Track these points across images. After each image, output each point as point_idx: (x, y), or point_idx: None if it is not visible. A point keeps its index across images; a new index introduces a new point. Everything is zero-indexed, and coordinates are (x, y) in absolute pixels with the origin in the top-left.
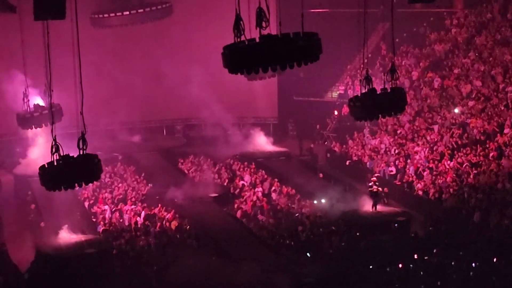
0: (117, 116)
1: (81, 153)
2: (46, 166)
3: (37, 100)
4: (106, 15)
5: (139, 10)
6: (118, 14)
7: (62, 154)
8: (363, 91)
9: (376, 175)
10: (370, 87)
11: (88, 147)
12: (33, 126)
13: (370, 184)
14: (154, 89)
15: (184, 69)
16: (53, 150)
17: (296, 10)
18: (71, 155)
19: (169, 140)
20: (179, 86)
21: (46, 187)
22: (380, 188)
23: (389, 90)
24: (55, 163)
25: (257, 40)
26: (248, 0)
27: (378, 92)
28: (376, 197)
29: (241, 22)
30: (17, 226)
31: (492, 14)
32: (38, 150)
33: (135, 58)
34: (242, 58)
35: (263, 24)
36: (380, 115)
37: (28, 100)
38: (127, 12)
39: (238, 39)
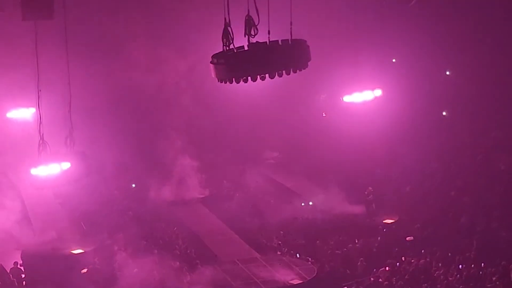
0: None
1: (69, 151)
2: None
3: None
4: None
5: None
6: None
7: (49, 153)
8: None
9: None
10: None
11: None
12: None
13: (366, 193)
14: (145, 88)
15: (175, 70)
16: (40, 148)
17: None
18: (58, 153)
19: (158, 141)
20: (169, 85)
21: (33, 186)
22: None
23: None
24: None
25: (246, 48)
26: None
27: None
28: (371, 206)
29: (230, 30)
30: (4, 225)
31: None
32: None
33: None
34: (231, 67)
35: (252, 31)
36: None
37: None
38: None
39: (227, 48)
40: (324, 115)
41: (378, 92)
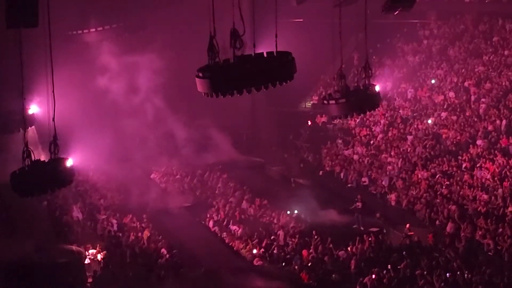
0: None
1: (53, 157)
2: (17, 172)
3: None
4: (81, 31)
5: (113, 25)
6: (92, 30)
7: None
8: (336, 88)
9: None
10: (343, 84)
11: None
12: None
13: (356, 200)
14: (128, 98)
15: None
16: (25, 155)
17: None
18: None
19: (141, 149)
20: (152, 94)
21: (18, 193)
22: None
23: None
24: (26, 169)
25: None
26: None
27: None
28: (360, 215)
29: (215, 44)
30: None
31: (465, 25)
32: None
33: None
34: (217, 81)
35: (237, 44)
36: (354, 113)
37: None
38: (101, 28)
39: (212, 61)
40: (309, 123)
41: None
